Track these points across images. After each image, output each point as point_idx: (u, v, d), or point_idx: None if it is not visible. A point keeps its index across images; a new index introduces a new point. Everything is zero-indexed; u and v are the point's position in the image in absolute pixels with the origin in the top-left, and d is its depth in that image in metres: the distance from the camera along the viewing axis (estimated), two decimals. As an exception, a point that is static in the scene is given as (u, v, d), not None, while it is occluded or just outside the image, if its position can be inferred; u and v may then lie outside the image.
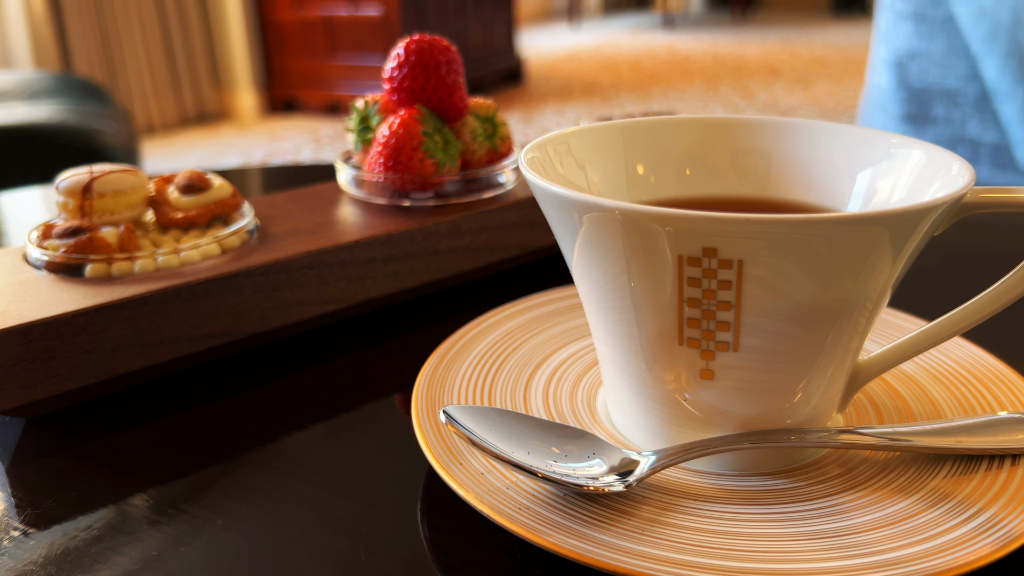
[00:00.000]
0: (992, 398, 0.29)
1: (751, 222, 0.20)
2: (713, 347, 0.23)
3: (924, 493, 0.24)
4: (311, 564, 0.23)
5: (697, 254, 0.21)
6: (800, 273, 0.21)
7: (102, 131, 1.34)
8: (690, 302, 0.22)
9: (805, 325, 0.23)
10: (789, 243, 0.21)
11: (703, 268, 0.21)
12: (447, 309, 0.40)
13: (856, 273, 0.22)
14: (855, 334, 0.24)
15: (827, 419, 0.26)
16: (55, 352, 0.30)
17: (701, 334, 0.23)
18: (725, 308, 0.22)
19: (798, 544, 0.22)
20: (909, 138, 0.27)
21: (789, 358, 0.23)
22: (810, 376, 0.24)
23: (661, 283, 0.22)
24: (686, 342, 0.23)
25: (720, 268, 0.21)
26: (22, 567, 0.24)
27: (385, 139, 0.40)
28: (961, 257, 0.46)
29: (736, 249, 0.21)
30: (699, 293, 0.22)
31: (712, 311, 0.22)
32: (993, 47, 0.87)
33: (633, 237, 0.22)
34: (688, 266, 0.22)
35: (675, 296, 0.22)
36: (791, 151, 0.29)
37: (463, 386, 0.29)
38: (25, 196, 0.65)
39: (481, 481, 0.24)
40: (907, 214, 0.21)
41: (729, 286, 0.22)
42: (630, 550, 0.21)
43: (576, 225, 0.23)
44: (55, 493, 0.27)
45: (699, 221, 0.21)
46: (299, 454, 0.29)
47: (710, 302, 0.22)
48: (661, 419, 0.26)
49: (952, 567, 0.20)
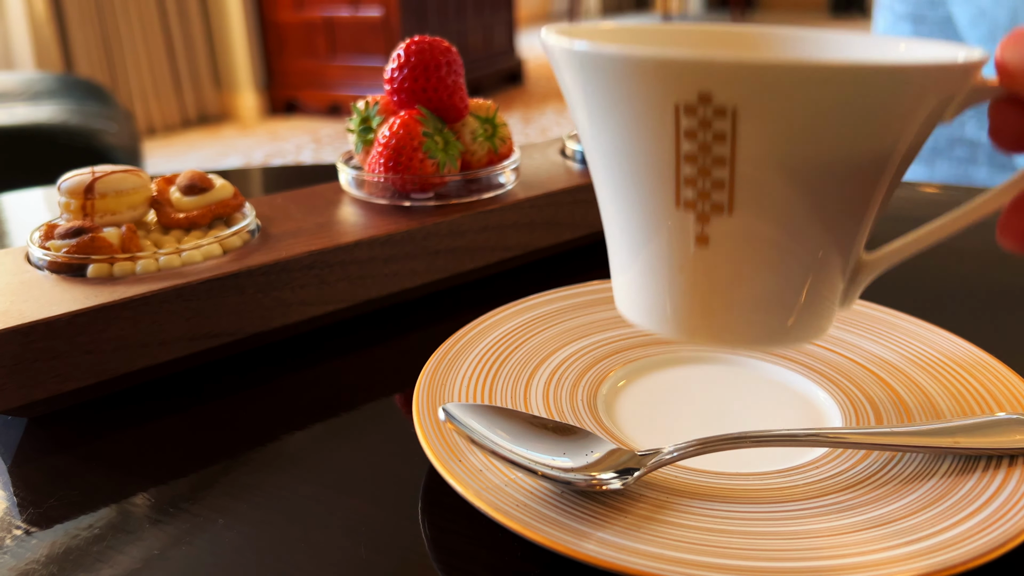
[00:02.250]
0: (991, 398, 0.29)
1: (743, 64, 0.20)
2: (708, 209, 0.22)
3: (920, 493, 0.24)
4: (312, 563, 0.23)
5: (693, 101, 0.20)
6: (795, 127, 0.20)
7: (104, 132, 1.34)
8: (687, 158, 0.22)
9: (798, 190, 0.22)
10: (783, 89, 0.20)
11: (699, 118, 0.21)
12: (447, 309, 0.40)
13: (853, 134, 0.21)
14: (855, 213, 0.23)
15: (829, 313, 0.25)
16: (57, 352, 0.30)
17: (697, 194, 0.22)
18: (720, 164, 0.21)
19: (793, 543, 0.22)
20: (919, 40, 0.26)
21: (783, 228, 0.22)
22: (807, 253, 0.23)
23: (659, 137, 0.22)
24: (683, 204, 0.22)
25: (715, 117, 0.21)
26: (24, 566, 0.24)
27: (386, 140, 0.40)
28: (961, 257, 0.46)
29: (731, 94, 0.20)
30: (695, 147, 0.21)
31: (708, 168, 0.22)
32: (991, 48, 0.87)
33: (633, 84, 0.21)
34: (684, 116, 0.21)
35: (672, 151, 0.22)
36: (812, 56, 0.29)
37: (464, 385, 0.29)
38: (27, 196, 0.65)
39: (480, 478, 0.24)
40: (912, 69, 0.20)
41: (724, 138, 0.21)
42: (627, 547, 0.21)
43: (584, 83, 0.23)
44: (57, 492, 0.27)
45: (693, 63, 0.20)
46: (300, 453, 0.29)
47: (706, 157, 0.21)
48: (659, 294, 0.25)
49: (947, 566, 0.20)
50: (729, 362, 0.33)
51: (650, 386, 0.31)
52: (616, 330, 0.34)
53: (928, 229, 0.25)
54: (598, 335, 0.34)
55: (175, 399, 0.33)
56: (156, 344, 0.33)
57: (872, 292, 0.35)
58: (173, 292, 0.32)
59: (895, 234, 0.26)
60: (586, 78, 0.23)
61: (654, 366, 0.32)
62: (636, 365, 0.32)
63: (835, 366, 0.31)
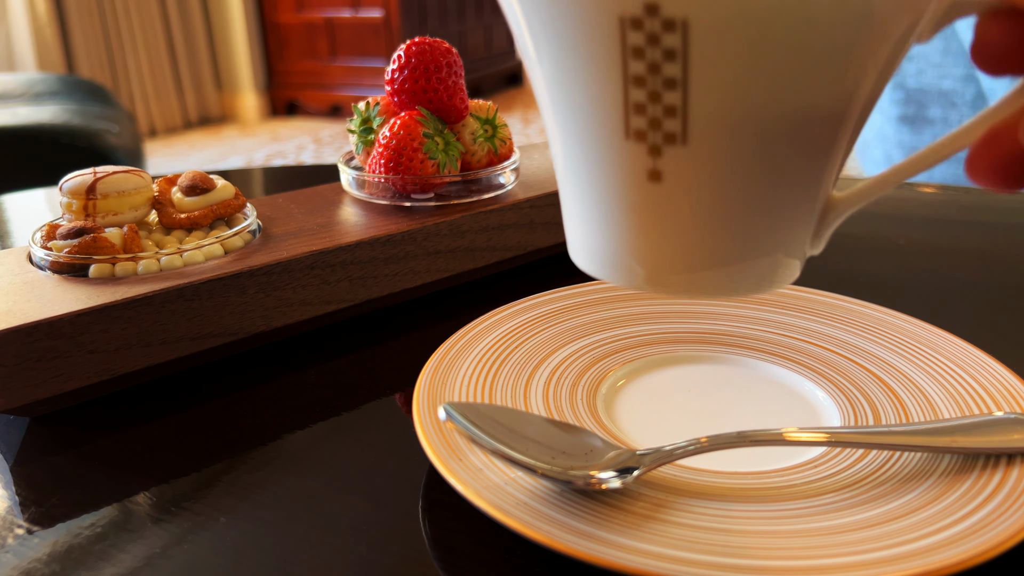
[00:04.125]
0: (989, 398, 0.29)
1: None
2: (660, 140, 0.20)
3: (918, 492, 0.24)
4: (313, 561, 0.24)
5: (639, 13, 0.18)
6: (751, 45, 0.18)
7: (106, 132, 1.34)
8: (635, 80, 0.19)
9: (759, 119, 0.20)
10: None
11: (646, 33, 0.19)
12: (448, 309, 0.40)
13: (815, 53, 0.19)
14: (822, 145, 0.21)
15: (797, 254, 0.23)
16: (59, 351, 0.30)
17: (648, 123, 0.20)
18: (671, 87, 0.19)
19: (792, 541, 0.22)
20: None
21: (743, 162, 0.20)
22: (769, 190, 0.21)
23: (604, 57, 0.19)
24: (632, 135, 0.20)
25: (664, 31, 0.18)
26: (27, 565, 0.24)
27: (386, 140, 0.40)
28: (961, 256, 0.46)
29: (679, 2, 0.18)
30: (643, 68, 0.19)
31: (658, 92, 0.19)
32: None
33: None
34: (630, 30, 0.19)
35: (619, 72, 0.20)
36: None
37: (464, 384, 0.29)
38: (29, 197, 0.65)
39: (480, 477, 0.24)
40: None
41: (675, 56, 0.19)
42: (627, 546, 0.21)
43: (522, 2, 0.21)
44: (59, 491, 0.27)
45: None
46: (301, 452, 0.29)
47: (655, 79, 0.19)
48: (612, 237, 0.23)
49: (946, 565, 0.20)
50: (729, 362, 0.33)
51: (650, 386, 0.31)
52: (616, 330, 0.34)
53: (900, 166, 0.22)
54: (598, 335, 0.34)
55: (177, 399, 0.33)
56: (158, 344, 0.33)
57: (872, 292, 0.35)
58: (175, 292, 0.33)
59: (895, 234, 0.26)
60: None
61: (654, 366, 0.32)
62: (636, 365, 0.32)
63: (834, 366, 0.32)
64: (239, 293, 0.34)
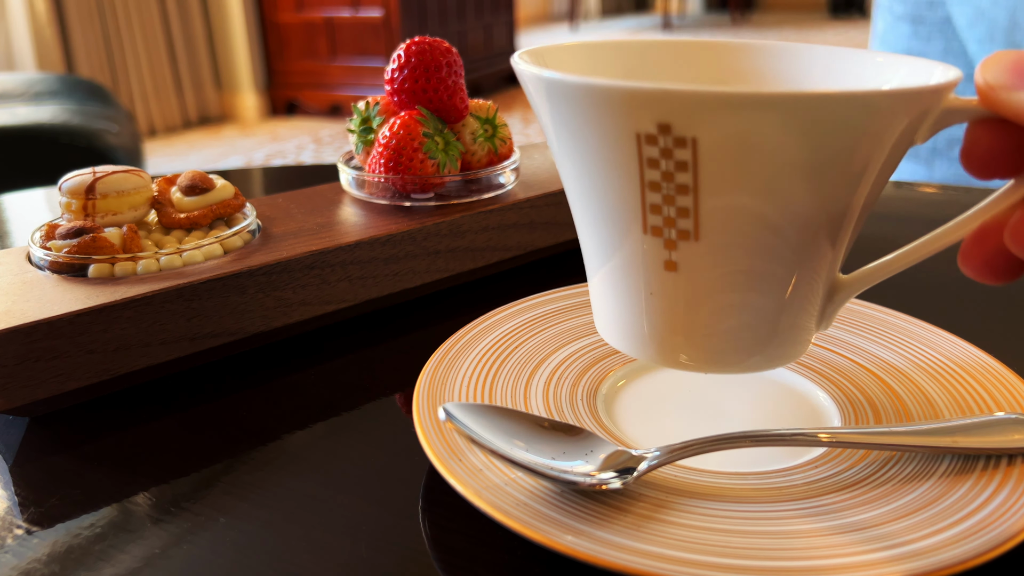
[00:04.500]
0: (990, 398, 0.29)
1: (699, 95, 0.19)
2: (675, 236, 0.22)
3: (919, 493, 0.24)
4: (313, 561, 0.24)
5: (653, 131, 0.20)
6: (754, 156, 0.20)
7: (105, 132, 1.34)
8: (651, 185, 0.21)
9: (765, 219, 0.21)
10: (739, 120, 0.20)
11: (660, 147, 0.21)
12: (447, 309, 0.40)
13: (815, 164, 0.20)
14: (827, 241, 0.23)
15: (804, 334, 0.25)
16: (58, 352, 0.30)
17: (663, 221, 0.22)
18: (684, 192, 0.21)
19: (792, 541, 0.22)
20: (896, 55, 0.26)
21: (752, 255, 0.22)
22: (777, 280, 0.23)
23: (623, 165, 0.22)
24: (650, 230, 0.22)
25: (676, 147, 0.20)
26: (26, 565, 0.24)
27: (386, 140, 0.40)
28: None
29: (689, 125, 0.20)
30: (658, 175, 0.21)
31: (672, 196, 0.21)
32: (990, 48, 0.87)
33: (595, 113, 0.21)
34: (646, 145, 0.21)
35: (636, 179, 0.22)
36: (784, 72, 0.28)
37: (464, 384, 0.29)
38: (29, 197, 0.65)
39: (480, 478, 0.24)
40: (859, 98, 0.20)
41: (686, 167, 0.21)
42: (627, 547, 0.21)
43: (552, 108, 0.23)
44: (58, 491, 0.27)
45: (650, 93, 0.20)
46: (301, 453, 0.29)
47: (669, 185, 0.21)
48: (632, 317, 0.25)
49: (946, 565, 0.20)
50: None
51: (650, 386, 0.31)
52: (616, 330, 0.34)
53: (903, 252, 0.25)
54: (598, 335, 0.34)
55: (176, 399, 0.33)
56: (157, 344, 0.33)
57: (871, 292, 0.35)
58: (174, 292, 0.33)
59: (893, 233, 0.26)
60: (553, 104, 0.23)
61: (654, 366, 0.32)
62: (636, 364, 0.32)
63: (834, 366, 0.32)
64: (239, 293, 0.34)
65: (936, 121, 0.21)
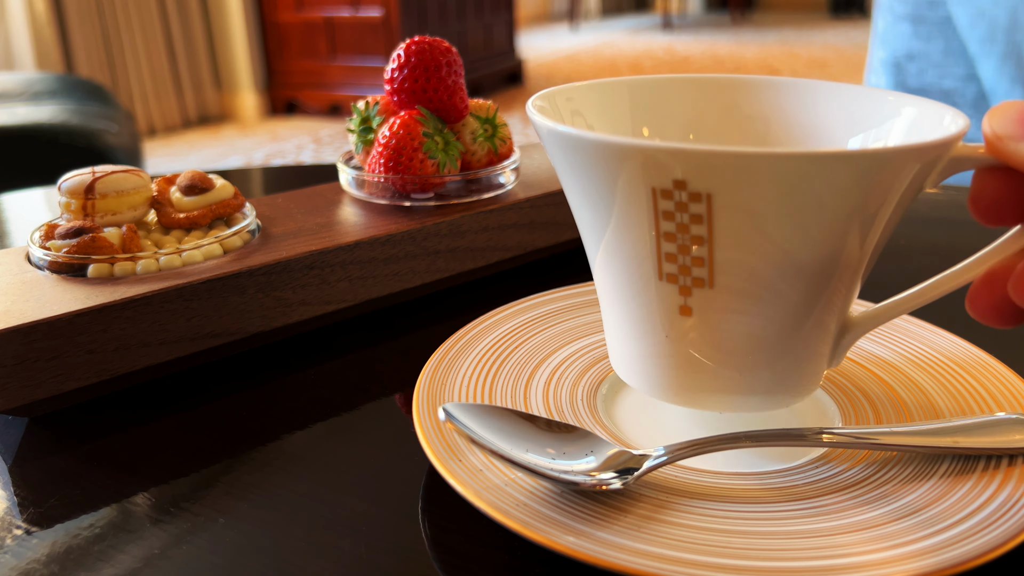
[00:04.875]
0: (990, 398, 0.29)
1: (715, 154, 0.20)
2: (689, 283, 0.23)
3: (919, 493, 0.24)
4: (312, 562, 0.23)
5: (668, 186, 0.21)
6: (768, 211, 0.21)
7: (105, 132, 1.34)
8: (666, 236, 0.22)
9: (777, 269, 0.22)
10: (754, 177, 0.20)
11: (675, 201, 0.21)
12: (447, 309, 0.40)
13: (827, 217, 0.21)
14: (838, 286, 0.23)
15: (817, 371, 0.26)
16: (58, 352, 0.30)
17: (678, 269, 0.23)
18: (699, 243, 0.22)
19: (794, 542, 0.22)
20: (904, 95, 0.27)
21: (765, 302, 0.23)
22: (790, 324, 0.24)
23: (639, 216, 0.22)
24: (665, 277, 0.23)
25: (691, 201, 0.21)
26: (25, 566, 0.24)
27: (386, 140, 0.40)
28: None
29: (704, 182, 0.21)
30: (673, 227, 0.22)
31: (687, 246, 0.22)
32: (991, 48, 0.87)
33: (611, 168, 0.22)
34: (661, 199, 0.21)
35: (651, 229, 0.22)
36: (792, 111, 0.29)
37: (464, 385, 0.29)
38: (28, 196, 0.65)
39: (480, 478, 0.24)
40: (875, 156, 0.20)
41: (701, 220, 0.21)
42: (628, 547, 0.21)
43: (568, 160, 0.23)
44: (58, 492, 0.27)
45: (666, 152, 0.21)
46: (300, 453, 0.29)
47: (684, 236, 0.22)
48: (648, 357, 0.26)
49: (947, 566, 0.20)
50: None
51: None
52: (616, 330, 0.34)
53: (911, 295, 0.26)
54: (598, 335, 0.34)
55: (176, 399, 0.33)
56: (157, 344, 0.33)
57: (872, 292, 0.35)
58: (174, 292, 0.33)
59: (895, 234, 0.26)
60: (569, 157, 0.23)
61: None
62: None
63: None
64: (238, 293, 0.34)
65: (945, 169, 0.22)
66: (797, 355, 0.25)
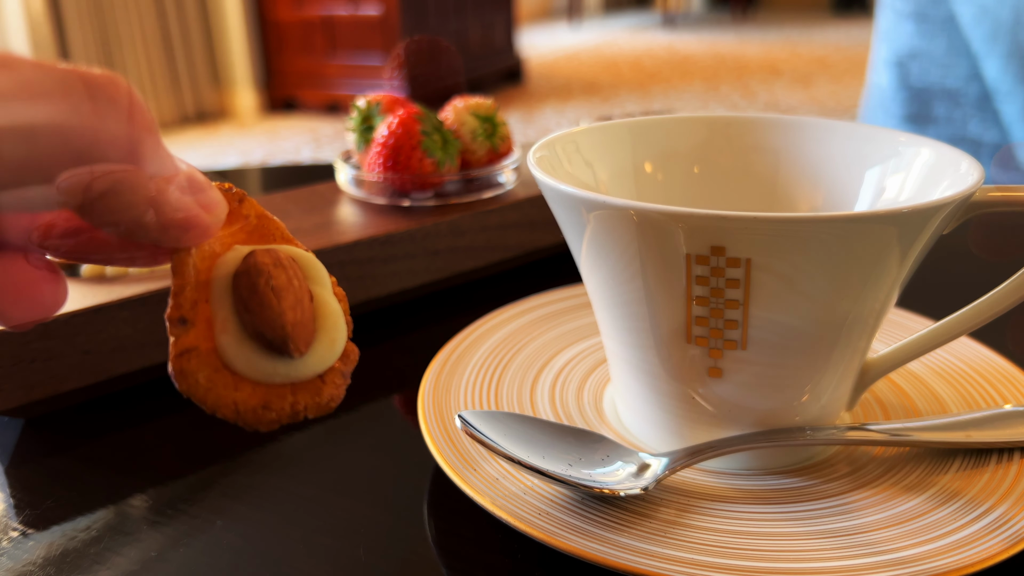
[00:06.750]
0: (996, 395, 0.29)
1: (759, 220, 0.20)
2: (721, 345, 0.23)
3: (935, 491, 0.24)
4: (311, 564, 0.23)
5: (705, 252, 0.21)
6: (807, 272, 0.21)
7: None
8: (698, 300, 0.22)
9: (813, 324, 0.22)
10: (796, 242, 0.20)
11: (711, 267, 0.21)
12: (447, 309, 0.40)
13: (863, 272, 0.22)
14: (863, 333, 0.24)
15: (836, 417, 0.26)
16: (54, 352, 0.30)
17: (709, 332, 0.23)
18: (733, 306, 0.22)
19: (813, 543, 0.22)
20: (917, 136, 0.27)
21: (797, 356, 0.23)
22: (818, 374, 0.24)
23: (669, 281, 0.22)
24: (694, 340, 0.23)
25: (728, 267, 0.21)
26: (21, 567, 0.24)
27: (384, 139, 0.40)
28: (968, 256, 0.46)
29: (744, 247, 0.21)
30: (706, 291, 0.22)
31: (720, 309, 0.22)
32: (994, 47, 0.87)
33: (641, 235, 0.22)
34: (696, 264, 0.21)
35: (683, 294, 0.22)
36: (799, 149, 0.29)
37: (469, 389, 0.29)
38: (24, 195, 0.65)
39: (497, 487, 0.23)
40: (915, 213, 0.21)
41: (737, 284, 0.21)
42: (653, 552, 0.21)
43: (584, 223, 0.23)
44: (54, 493, 0.27)
45: (707, 219, 0.20)
46: (299, 454, 0.29)
47: (718, 300, 0.22)
48: (670, 415, 0.26)
49: (962, 566, 0.20)
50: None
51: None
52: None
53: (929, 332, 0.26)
54: (598, 336, 0.33)
55: (173, 400, 0.32)
56: (153, 344, 0.32)
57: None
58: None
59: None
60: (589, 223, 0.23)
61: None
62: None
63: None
64: (237, 292, 0.34)
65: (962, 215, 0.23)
66: (822, 400, 0.25)
